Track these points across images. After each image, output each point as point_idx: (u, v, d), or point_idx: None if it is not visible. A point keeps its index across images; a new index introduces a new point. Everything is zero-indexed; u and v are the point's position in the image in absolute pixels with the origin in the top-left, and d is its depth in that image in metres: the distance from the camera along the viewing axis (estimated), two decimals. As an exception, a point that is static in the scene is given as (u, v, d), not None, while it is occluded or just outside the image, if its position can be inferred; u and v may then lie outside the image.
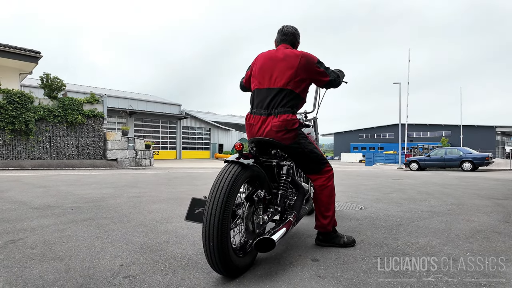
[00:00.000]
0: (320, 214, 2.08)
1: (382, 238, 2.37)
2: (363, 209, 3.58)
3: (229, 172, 1.55)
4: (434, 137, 49.40)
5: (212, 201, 1.47)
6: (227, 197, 1.47)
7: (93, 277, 1.62)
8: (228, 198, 1.47)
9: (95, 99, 13.42)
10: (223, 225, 1.45)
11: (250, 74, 2.17)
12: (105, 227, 2.60)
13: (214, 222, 1.44)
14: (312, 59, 1.99)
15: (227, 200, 1.46)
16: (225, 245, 1.47)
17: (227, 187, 1.49)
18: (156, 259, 1.89)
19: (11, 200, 3.88)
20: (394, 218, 3.09)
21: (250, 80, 2.16)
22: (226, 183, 1.50)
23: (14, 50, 12.55)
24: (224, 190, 1.48)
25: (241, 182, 1.58)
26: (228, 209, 1.47)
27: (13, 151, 11.21)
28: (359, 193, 5.16)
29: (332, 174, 2.13)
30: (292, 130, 1.92)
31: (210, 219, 1.45)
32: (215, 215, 1.44)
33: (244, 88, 2.37)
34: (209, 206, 1.46)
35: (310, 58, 1.99)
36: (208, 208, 1.46)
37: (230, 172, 1.55)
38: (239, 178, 1.55)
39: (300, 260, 1.88)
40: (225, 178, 1.52)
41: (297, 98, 1.97)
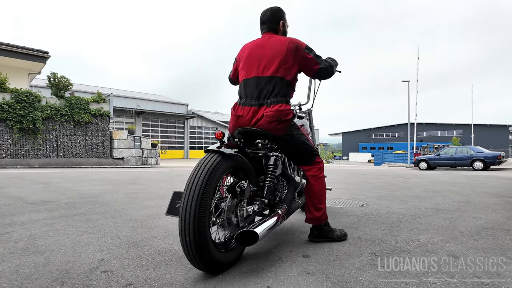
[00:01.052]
0: (312, 206, 1.98)
1: (380, 234, 2.25)
2: (364, 206, 3.46)
3: (207, 162, 1.46)
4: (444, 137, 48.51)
5: (188, 193, 1.38)
6: (204, 189, 1.38)
7: (70, 271, 1.55)
8: (205, 189, 1.38)
9: (101, 98, 13.51)
10: (200, 219, 1.36)
11: (236, 67, 2.08)
12: (94, 222, 2.54)
13: (190, 215, 1.35)
14: (301, 45, 1.89)
15: (204, 191, 1.37)
16: (203, 239, 1.37)
17: (204, 178, 1.39)
18: (139, 254, 1.81)
19: (7, 195, 3.87)
20: (395, 215, 2.96)
21: (236, 73, 2.07)
22: (203, 173, 1.41)
23: (23, 51, 12.73)
24: (201, 181, 1.39)
25: (222, 172, 1.49)
26: (206, 202, 1.38)
27: (21, 149, 11.35)
28: (362, 190, 5.01)
29: (323, 166, 2.03)
30: (286, 121, 1.83)
31: (186, 212, 1.36)
32: (190, 208, 1.35)
33: (233, 81, 2.28)
34: (185, 198, 1.38)
35: (298, 43, 1.89)
36: (184, 201, 1.37)
37: (209, 162, 1.46)
38: (218, 168, 1.46)
39: (290, 256, 1.78)
40: (202, 168, 1.43)
41: (288, 86, 1.87)
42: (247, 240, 1.45)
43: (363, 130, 59.99)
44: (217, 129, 34.62)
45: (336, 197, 4.18)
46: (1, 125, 10.97)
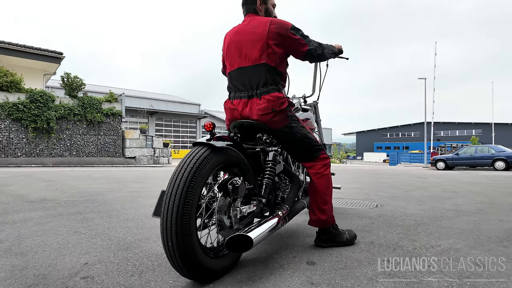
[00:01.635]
0: (316, 207, 1.78)
1: (396, 239, 2.03)
2: (378, 207, 3.22)
3: (194, 156, 1.28)
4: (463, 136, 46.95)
5: (170, 191, 1.20)
6: (188, 186, 1.20)
7: (47, 276, 1.41)
8: (190, 186, 1.20)
9: (113, 97, 13.61)
10: (184, 220, 1.18)
11: (223, 60, 1.89)
12: (89, 222, 2.41)
13: (172, 216, 1.17)
14: (285, 25, 1.66)
15: (188, 189, 1.20)
16: (188, 244, 1.20)
17: (189, 174, 1.22)
18: (127, 257, 1.66)
19: (10, 193, 3.82)
20: (412, 217, 2.72)
21: (225, 66, 1.89)
22: (188, 168, 1.23)
23: (38, 51, 12.95)
24: (185, 178, 1.21)
25: (211, 167, 1.31)
26: (191, 201, 1.20)
27: (36, 148, 11.53)
28: (376, 190, 4.75)
29: (329, 163, 1.82)
30: (281, 111, 1.64)
31: (167, 213, 1.18)
32: (172, 208, 1.18)
33: (225, 74, 2.10)
34: (167, 197, 1.20)
35: (281, 24, 1.66)
36: (166, 200, 1.20)
37: (195, 156, 1.28)
38: (206, 162, 1.28)
39: (293, 263, 1.59)
40: (187, 162, 1.26)
41: (276, 73, 1.67)
42: (240, 246, 1.27)
43: (378, 130, 58.83)
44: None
45: (348, 197, 3.94)
46: (17, 125, 11.16)
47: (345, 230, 1.94)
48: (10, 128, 11.04)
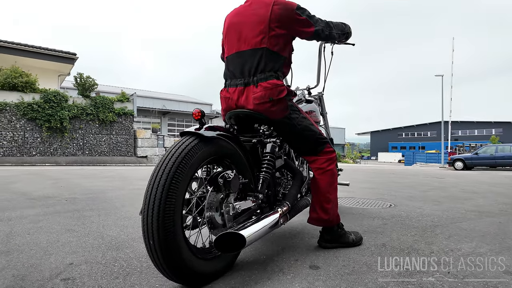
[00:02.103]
0: (318, 205, 1.62)
1: (411, 241, 1.84)
2: (391, 207, 3.01)
3: (180, 146, 1.15)
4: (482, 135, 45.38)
5: (151, 185, 1.07)
6: (172, 178, 1.06)
7: (26, 277, 1.30)
8: (174, 179, 1.07)
9: (125, 97, 13.72)
10: (167, 217, 1.05)
11: (222, 44, 1.74)
12: (85, 219, 2.32)
13: (153, 212, 1.04)
14: (290, 5, 1.50)
15: (172, 182, 1.06)
16: (171, 243, 1.06)
17: (173, 165, 1.08)
18: (116, 257, 1.54)
19: (13, 190, 3.80)
20: (429, 218, 2.51)
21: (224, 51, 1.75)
22: (172, 159, 1.10)
23: (52, 52, 13.19)
24: (168, 170, 1.07)
25: (199, 159, 1.17)
26: (175, 195, 1.07)
27: (50, 147, 11.72)
28: (390, 190, 4.52)
29: (334, 157, 1.66)
30: (280, 100, 1.48)
31: (148, 208, 1.05)
32: (153, 203, 1.04)
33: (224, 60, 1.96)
34: (148, 191, 1.07)
35: (286, 4, 1.50)
36: (147, 195, 1.07)
37: (181, 146, 1.15)
38: (193, 153, 1.14)
39: (295, 267, 1.44)
40: (172, 153, 1.12)
41: (277, 58, 1.51)
42: (231, 245, 1.13)
43: (393, 129, 57.59)
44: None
45: (359, 196, 3.75)
46: (31, 124, 11.37)
47: (351, 231, 1.77)
48: (25, 128, 11.26)
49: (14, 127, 11.08)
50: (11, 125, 11.03)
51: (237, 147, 1.39)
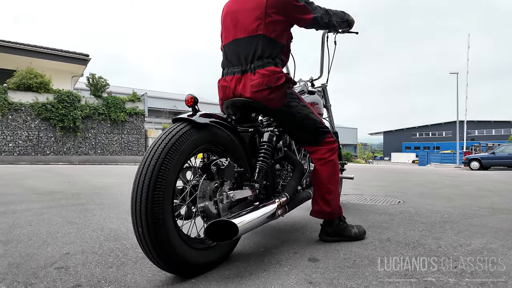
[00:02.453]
0: (320, 196, 1.57)
1: (417, 236, 1.77)
2: (400, 204, 2.92)
3: (170, 132, 1.12)
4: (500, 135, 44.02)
5: (140, 170, 1.05)
6: (161, 164, 1.03)
7: (21, 265, 1.30)
8: (163, 165, 1.04)
9: (136, 97, 13.88)
10: (156, 203, 1.02)
11: (221, 34, 1.71)
12: (87, 213, 2.32)
13: (142, 198, 1.01)
14: None
15: (161, 168, 1.03)
16: (160, 231, 1.03)
17: (163, 150, 1.05)
18: (112, 248, 1.53)
19: (22, 186, 3.87)
20: (439, 214, 2.42)
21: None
22: (162, 145, 1.07)
23: (66, 54, 13.46)
24: (157, 155, 1.05)
25: (191, 146, 1.14)
26: (164, 181, 1.04)
27: (63, 147, 11.95)
28: (400, 188, 4.41)
29: (336, 148, 1.60)
30: (278, 87, 1.44)
31: (136, 195, 1.03)
32: (142, 189, 1.02)
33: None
34: (137, 177, 1.05)
35: None
36: (136, 180, 1.04)
37: (172, 132, 1.12)
38: (184, 139, 1.11)
39: (293, 259, 1.39)
40: (162, 139, 1.09)
41: (275, 45, 1.47)
42: (223, 234, 1.09)
43: (407, 129, 56.52)
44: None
45: (367, 193, 3.66)
46: (45, 124, 11.62)
47: (354, 225, 1.71)
48: (39, 127, 11.51)
49: (29, 126, 11.35)
50: (26, 124, 11.30)
51: (232, 135, 1.35)
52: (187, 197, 1.25)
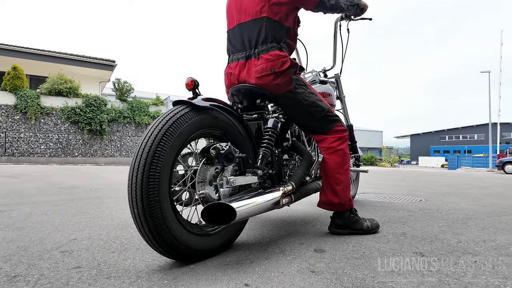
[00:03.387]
0: (328, 186, 1.50)
1: (436, 231, 1.65)
2: (421, 202, 2.77)
3: (168, 114, 1.10)
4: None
5: (137, 151, 1.04)
6: (157, 145, 1.02)
7: (28, 248, 1.33)
8: (159, 146, 1.02)
9: (159, 101, 14.24)
10: (151, 184, 1.00)
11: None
12: (101, 205, 2.37)
13: (137, 180, 1.00)
14: None
15: (156, 150, 1.02)
16: (156, 213, 1.01)
17: (159, 132, 1.04)
18: (118, 236, 1.54)
19: (48, 181, 4.03)
20: (463, 211, 2.26)
21: None
22: (159, 126, 1.06)
23: (93, 60, 14.07)
24: (154, 136, 1.03)
25: (190, 129, 1.12)
26: (160, 163, 1.02)
27: (90, 149, 12.44)
28: (424, 187, 4.20)
29: (346, 136, 1.53)
30: (283, 72, 1.39)
31: (132, 176, 1.02)
32: (137, 171, 1.01)
33: None
34: (133, 159, 1.04)
35: None
36: (131, 164, 1.04)
37: (170, 114, 1.10)
38: (182, 122, 1.10)
39: (298, 250, 1.33)
40: (159, 121, 1.08)
41: (280, 28, 1.42)
42: (220, 217, 1.05)
43: (435, 132, 54.28)
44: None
45: (387, 192, 3.50)
46: (74, 127, 12.15)
47: (366, 218, 1.62)
48: (68, 130, 12.06)
49: (59, 129, 11.91)
50: (56, 127, 11.87)
51: (234, 120, 1.32)
52: (188, 182, 1.23)
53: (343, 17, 1.93)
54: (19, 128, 11.30)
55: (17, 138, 11.23)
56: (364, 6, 1.74)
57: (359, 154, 2.26)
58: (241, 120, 1.37)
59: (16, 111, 11.24)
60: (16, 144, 11.20)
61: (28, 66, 12.94)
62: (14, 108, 11.22)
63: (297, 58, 2.14)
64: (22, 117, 11.34)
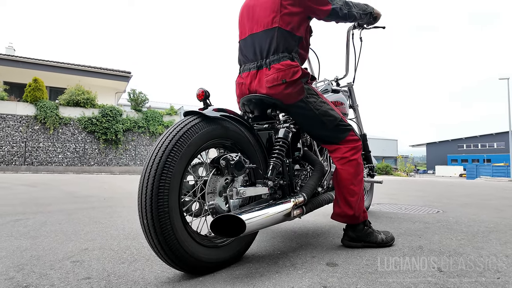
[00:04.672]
0: (341, 198, 1.46)
1: (455, 245, 1.58)
2: (439, 213, 2.67)
3: (179, 125, 1.11)
4: None
5: (147, 162, 1.04)
6: (167, 157, 1.02)
7: (41, 258, 1.34)
8: (170, 156, 1.02)
9: (173, 111, 14.46)
10: (161, 195, 1.00)
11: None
12: (114, 214, 2.39)
13: (147, 191, 1.00)
14: None
15: (166, 160, 1.02)
16: (165, 223, 1.01)
17: (170, 142, 1.04)
18: (129, 246, 1.54)
19: (64, 190, 4.11)
20: (483, 224, 2.17)
21: None
22: (170, 137, 1.06)
23: (110, 72, 14.48)
24: (164, 146, 1.04)
25: (199, 139, 1.12)
26: (170, 174, 1.02)
27: (106, 158, 12.69)
28: (442, 198, 4.06)
29: (359, 146, 1.50)
30: (294, 82, 1.38)
31: (142, 185, 1.02)
32: (147, 181, 1.01)
33: None
34: (144, 169, 1.04)
35: None
36: (142, 173, 1.04)
37: (180, 125, 1.10)
38: (193, 132, 1.10)
39: (310, 263, 1.29)
40: (171, 131, 1.08)
41: (291, 38, 1.41)
42: (229, 229, 1.04)
43: (452, 141, 52.91)
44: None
45: (402, 203, 3.41)
46: (90, 137, 12.45)
47: (381, 231, 1.57)
48: (85, 140, 12.36)
49: (76, 139, 12.23)
50: (73, 137, 12.19)
51: (245, 130, 1.31)
52: (198, 193, 1.22)
53: (356, 26, 1.92)
54: (39, 138, 11.66)
55: (36, 148, 11.58)
56: (377, 15, 1.73)
57: (373, 164, 2.21)
58: (252, 130, 1.37)
59: (36, 121, 11.62)
60: (36, 153, 11.54)
61: (48, 78, 13.42)
62: (34, 119, 11.61)
63: (308, 67, 2.13)
64: (41, 127, 11.71)
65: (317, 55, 2.02)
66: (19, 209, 2.54)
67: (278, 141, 1.40)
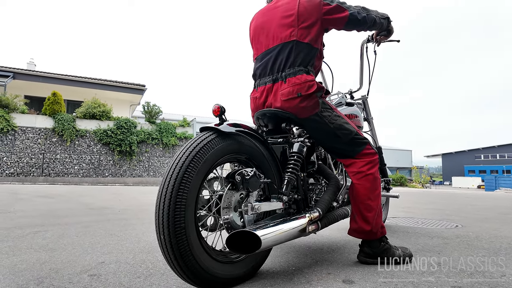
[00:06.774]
0: (358, 213, 1.44)
1: (475, 263, 1.53)
2: (458, 228, 2.60)
3: (195, 141, 1.13)
4: None
5: (164, 178, 1.06)
6: (183, 173, 1.04)
7: (60, 271, 1.37)
8: (186, 173, 1.04)
9: (186, 122, 14.64)
10: (178, 211, 1.01)
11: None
12: (129, 226, 2.42)
13: (164, 205, 1.02)
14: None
15: (183, 177, 1.04)
16: (182, 239, 1.02)
17: (186, 158, 1.06)
18: (144, 260, 1.55)
19: (79, 202, 4.18)
20: (506, 240, 2.09)
21: None
22: (186, 153, 1.08)
23: (125, 85, 14.85)
24: (181, 163, 1.06)
25: (215, 155, 1.13)
26: (187, 190, 1.04)
27: (120, 169, 12.89)
28: (460, 212, 3.95)
29: (377, 160, 1.48)
30: (309, 96, 1.39)
31: (159, 202, 1.04)
32: (164, 197, 1.03)
33: None
34: (161, 185, 1.06)
35: None
36: (159, 190, 1.06)
37: (197, 141, 1.12)
38: (208, 148, 1.11)
39: (325, 280, 1.28)
40: (187, 147, 1.11)
41: (309, 50, 1.42)
42: (245, 245, 1.04)
43: (469, 151, 51.55)
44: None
45: (419, 216, 3.33)
46: (105, 149, 12.70)
47: (398, 246, 1.54)
48: (100, 152, 12.61)
49: (91, 151, 12.49)
50: (89, 149, 12.46)
51: (259, 145, 1.32)
52: (213, 207, 1.23)
53: (369, 39, 1.93)
54: (56, 149, 11.96)
55: (54, 159, 11.87)
56: (391, 29, 1.73)
57: (389, 178, 2.18)
58: (266, 144, 1.38)
59: (53, 133, 11.96)
60: (53, 164, 11.83)
61: (66, 92, 13.85)
62: (52, 131, 11.95)
63: (322, 80, 2.14)
64: (58, 139, 12.02)
65: (331, 68, 2.03)
66: (38, 221, 2.60)
67: (292, 156, 1.41)
